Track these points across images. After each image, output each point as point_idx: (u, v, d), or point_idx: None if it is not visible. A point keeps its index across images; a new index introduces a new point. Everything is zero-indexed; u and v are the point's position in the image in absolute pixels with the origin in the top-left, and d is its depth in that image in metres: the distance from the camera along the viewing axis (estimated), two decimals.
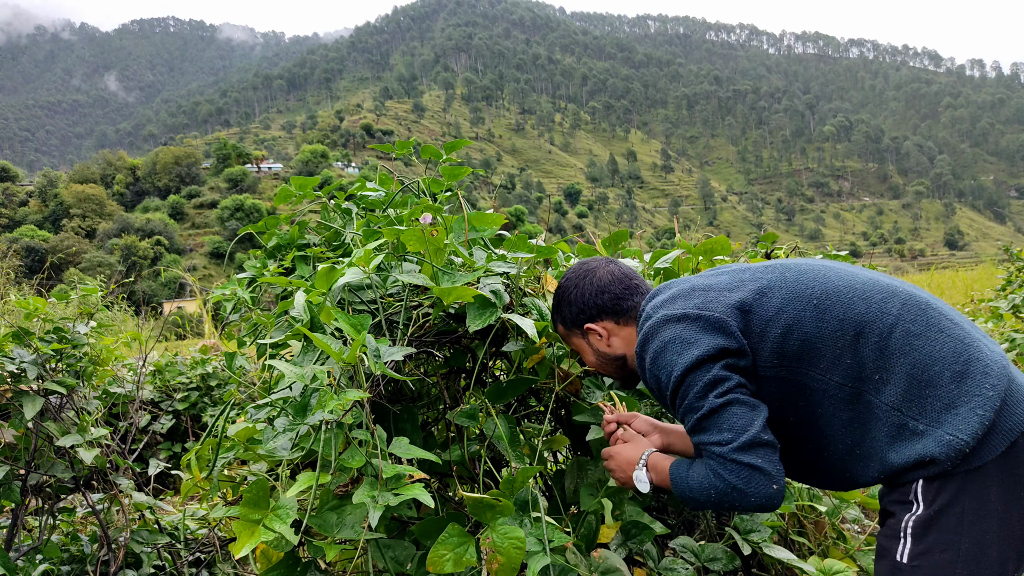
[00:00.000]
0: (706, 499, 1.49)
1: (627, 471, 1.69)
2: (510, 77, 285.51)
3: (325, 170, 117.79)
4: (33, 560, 2.37)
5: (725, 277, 1.62)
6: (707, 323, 1.51)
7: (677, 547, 2.01)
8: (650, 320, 1.58)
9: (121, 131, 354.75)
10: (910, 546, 1.41)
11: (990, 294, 7.75)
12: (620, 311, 1.73)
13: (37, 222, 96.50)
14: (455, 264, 1.88)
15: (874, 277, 1.56)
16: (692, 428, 1.49)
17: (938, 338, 1.45)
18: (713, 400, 1.45)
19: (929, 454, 1.38)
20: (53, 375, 2.36)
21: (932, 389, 1.42)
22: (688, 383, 1.48)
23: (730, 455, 1.42)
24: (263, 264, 2.36)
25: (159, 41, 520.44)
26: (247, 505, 1.43)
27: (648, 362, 1.55)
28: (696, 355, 1.47)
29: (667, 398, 1.54)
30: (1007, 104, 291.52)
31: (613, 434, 1.81)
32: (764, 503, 1.44)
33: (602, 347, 1.76)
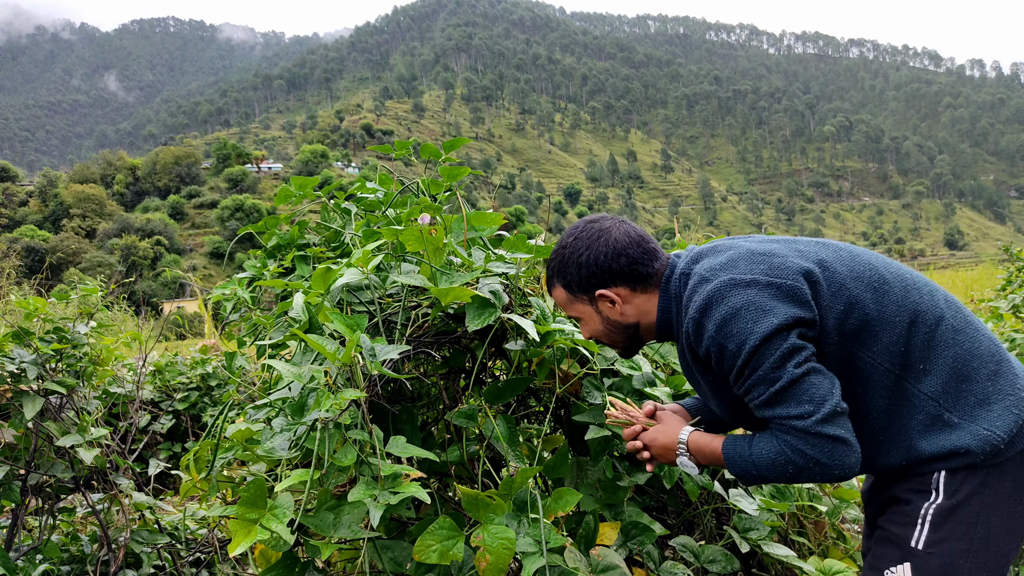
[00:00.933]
0: (779, 475, 1.43)
1: (667, 456, 1.61)
2: (510, 77, 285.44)
3: (325, 170, 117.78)
4: (33, 560, 2.37)
5: (778, 246, 1.53)
6: (781, 290, 1.41)
7: (677, 546, 2.01)
8: (709, 284, 1.45)
9: (121, 131, 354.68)
10: (927, 533, 1.43)
11: (990, 294, 7.75)
12: (638, 277, 1.59)
13: (37, 222, 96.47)
14: (454, 264, 1.88)
15: (913, 272, 1.57)
16: (765, 401, 1.40)
17: (976, 336, 1.50)
18: (792, 371, 1.37)
19: (964, 446, 1.41)
20: (53, 375, 2.36)
21: (968, 384, 1.46)
22: (763, 352, 1.38)
23: (814, 428, 1.36)
24: (263, 264, 2.36)
25: (159, 41, 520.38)
26: (244, 505, 1.42)
27: (712, 329, 1.42)
28: (775, 323, 1.38)
29: (732, 368, 1.42)
30: (1007, 104, 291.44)
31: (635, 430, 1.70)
32: (846, 473, 1.39)
33: (613, 315, 1.62)
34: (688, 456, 1.58)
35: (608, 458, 1.98)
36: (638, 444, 1.66)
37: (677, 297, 1.57)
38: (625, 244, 1.58)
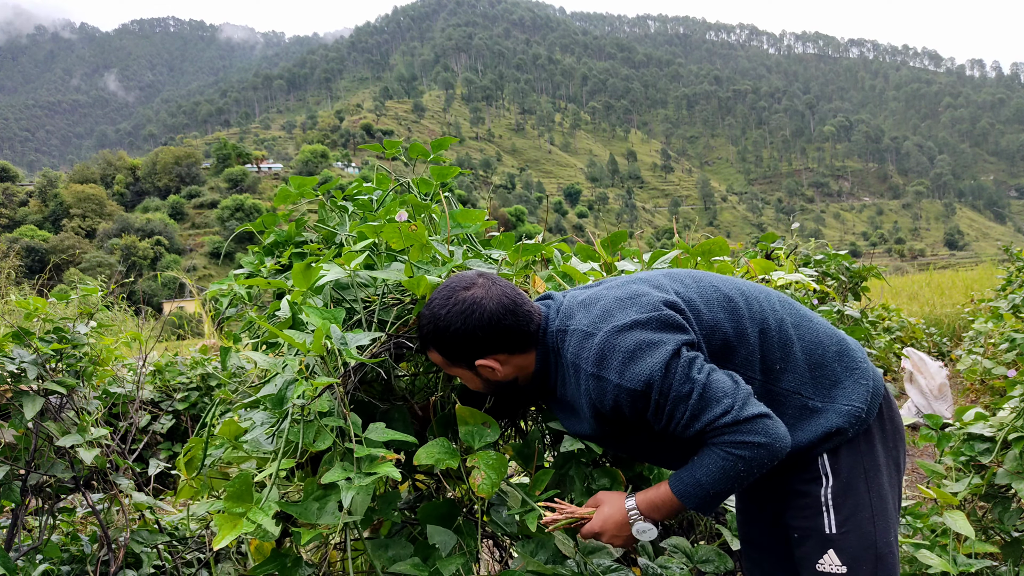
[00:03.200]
0: (732, 481, 1.45)
1: (623, 531, 1.61)
2: (510, 77, 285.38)
3: (325, 170, 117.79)
4: (33, 560, 2.36)
5: (637, 286, 1.59)
6: (660, 322, 1.49)
7: (669, 547, 2.01)
8: (595, 338, 1.50)
9: (121, 131, 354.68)
10: (834, 516, 1.53)
11: (990, 294, 7.76)
12: (515, 343, 1.60)
13: (37, 222, 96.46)
14: (437, 261, 1.89)
15: (746, 282, 1.67)
16: (690, 416, 1.44)
17: (812, 325, 1.63)
18: (697, 376, 1.43)
19: (834, 426, 1.53)
20: (53, 375, 2.36)
21: (821, 369, 1.58)
22: (668, 378, 1.43)
23: (742, 415, 1.41)
24: (260, 260, 2.36)
25: (159, 41, 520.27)
26: (231, 499, 1.44)
27: (615, 378, 1.46)
28: (670, 349, 1.45)
29: (647, 406, 1.47)
30: (1007, 104, 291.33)
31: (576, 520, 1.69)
32: (786, 444, 1.44)
33: (494, 377, 1.64)
34: (643, 519, 1.58)
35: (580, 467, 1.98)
36: (594, 529, 1.63)
37: (555, 351, 1.60)
38: (500, 315, 1.56)
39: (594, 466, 2.00)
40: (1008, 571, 2.36)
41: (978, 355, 5.81)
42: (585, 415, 1.58)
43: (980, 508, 2.52)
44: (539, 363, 1.63)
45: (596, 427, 1.58)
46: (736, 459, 1.43)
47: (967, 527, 2.17)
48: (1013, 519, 2.33)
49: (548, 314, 1.63)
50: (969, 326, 7.63)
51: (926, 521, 2.42)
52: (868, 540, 1.52)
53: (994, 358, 5.39)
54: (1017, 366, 4.78)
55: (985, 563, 2.22)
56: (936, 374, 5.72)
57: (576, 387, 1.56)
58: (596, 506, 1.67)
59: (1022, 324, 5.59)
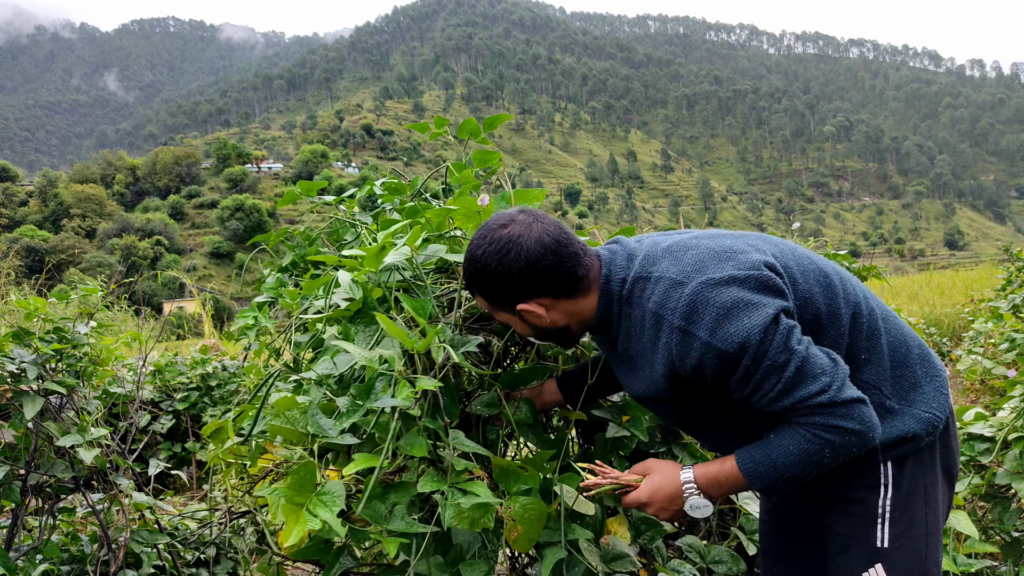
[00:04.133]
0: (814, 466, 1.34)
1: (672, 506, 1.47)
2: (510, 77, 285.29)
3: (325, 170, 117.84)
4: (33, 560, 2.36)
5: (731, 241, 1.44)
6: (760, 283, 1.34)
7: (683, 546, 2.00)
8: (686, 287, 1.34)
9: (121, 131, 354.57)
10: (889, 529, 1.42)
11: (990, 294, 7.75)
12: (560, 286, 1.44)
13: (37, 222, 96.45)
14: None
15: (837, 264, 1.55)
16: (782, 390, 1.30)
17: (898, 323, 1.53)
18: (797, 348, 1.30)
19: (911, 431, 1.42)
20: (53, 375, 2.36)
21: (902, 369, 1.47)
22: (765, 344, 1.29)
23: (839, 397, 1.29)
24: (279, 283, 2.33)
25: (159, 41, 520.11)
26: (292, 487, 1.35)
27: (705, 335, 1.31)
28: (770, 313, 1.30)
29: (735, 370, 1.32)
30: (1007, 104, 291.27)
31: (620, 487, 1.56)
32: (876, 434, 1.34)
33: (541, 323, 1.49)
34: (699, 494, 1.44)
35: (620, 456, 1.96)
36: (641, 499, 1.51)
37: (624, 299, 1.45)
38: (540, 254, 1.40)
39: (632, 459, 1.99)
40: (1008, 571, 2.36)
41: (978, 355, 5.80)
42: (655, 373, 1.43)
43: (980, 508, 2.52)
44: (600, 312, 1.48)
45: (663, 388, 1.43)
46: (823, 443, 1.31)
47: (970, 527, 2.17)
48: (1013, 519, 2.33)
49: (614, 259, 1.48)
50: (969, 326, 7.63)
51: None
52: (919, 558, 1.42)
53: (994, 358, 5.38)
54: (1017, 366, 4.78)
55: (985, 563, 2.22)
56: None
57: (652, 341, 1.40)
58: (644, 473, 1.52)
59: (1022, 324, 5.58)
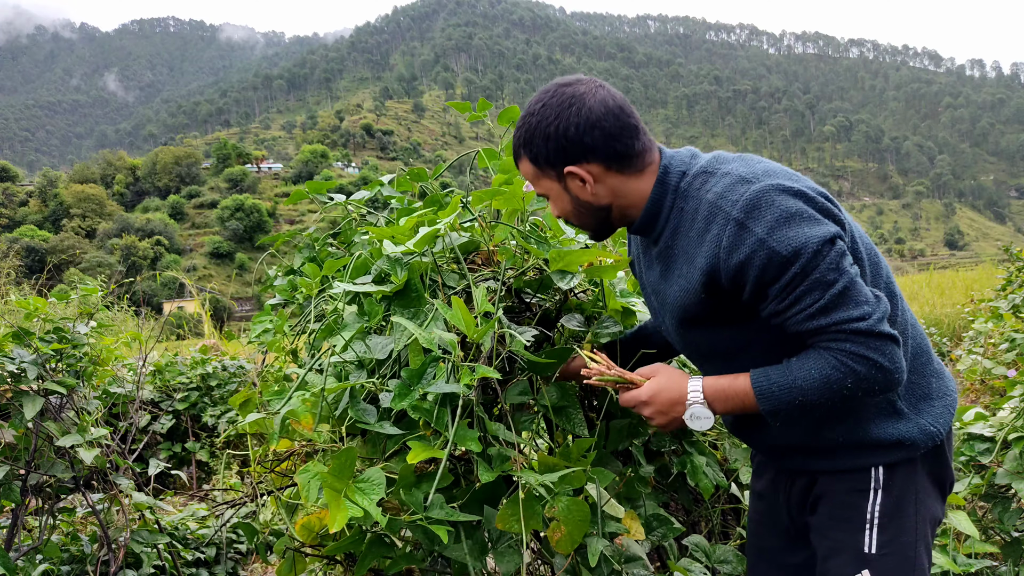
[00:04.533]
0: (831, 395, 1.29)
1: (672, 412, 1.43)
2: (510, 77, 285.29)
3: (325, 170, 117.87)
4: (33, 560, 2.36)
5: (790, 170, 1.40)
6: (823, 209, 1.30)
7: (690, 545, 2.00)
8: (753, 185, 1.30)
9: (121, 131, 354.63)
10: (877, 535, 1.39)
11: (990, 294, 7.75)
12: (614, 154, 1.40)
13: (37, 222, 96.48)
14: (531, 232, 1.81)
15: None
16: (821, 307, 1.26)
17: (923, 332, 1.50)
18: (849, 271, 1.26)
19: (910, 437, 1.40)
20: (53, 375, 2.36)
21: (919, 376, 1.45)
22: (820, 256, 1.24)
23: (876, 327, 1.25)
24: (291, 284, 2.32)
25: (159, 41, 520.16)
26: (334, 472, 1.31)
27: (762, 231, 1.26)
28: (831, 231, 1.26)
29: (779, 276, 1.27)
30: (1007, 104, 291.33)
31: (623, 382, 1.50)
32: (902, 377, 1.29)
33: (583, 195, 1.45)
34: (703, 404, 1.40)
35: (636, 444, 1.94)
36: (641, 398, 1.46)
37: (682, 193, 1.41)
38: (601, 114, 1.37)
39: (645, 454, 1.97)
40: (1008, 571, 2.36)
41: (978, 355, 5.80)
42: (692, 272, 1.38)
43: (980, 508, 2.52)
44: (650, 204, 1.44)
45: (694, 294, 1.39)
46: (848, 373, 1.26)
47: (971, 527, 2.17)
48: (1013, 519, 2.33)
49: (677, 154, 1.45)
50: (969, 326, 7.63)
51: None
52: (907, 566, 1.38)
53: (994, 358, 5.38)
54: (1017, 366, 4.78)
55: (985, 563, 2.22)
56: None
57: (700, 234, 1.35)
58: (650, 376, 1.48)
59: (1022, 324, 5.58)
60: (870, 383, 1.27)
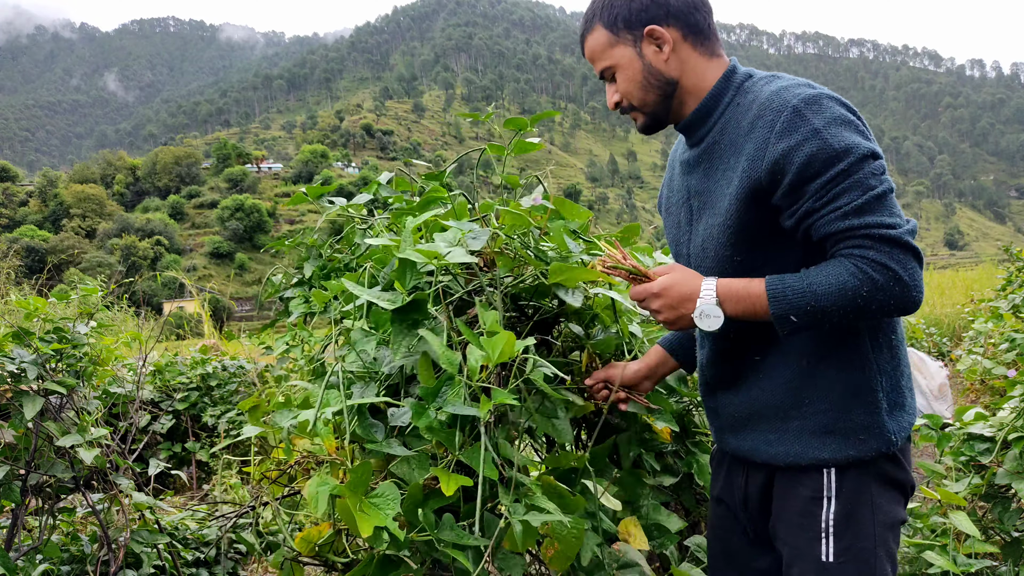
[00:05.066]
0: (844, 303, 1.26)
1: (681, 307, 1.40)
2: (510, 77, 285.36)
3: (325, 170, 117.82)
4: (33, 560, 2.36)
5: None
6: (870, 137, 1.32)
7: (692, 547, 2.00)
8: (814, 89, 1.31)
9: (121, 131, 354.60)
10: (833, 544, 1.38)
11: (990, 294, 7.75)
12: (694, 25, 1.43)
13: (37, 222, 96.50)
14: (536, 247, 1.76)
15: None
16: (856, 207, 1.24)
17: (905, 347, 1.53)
18: (889, 181, 1.27)
19: (875, 435, 1.38)
20: (53, 375, 2.36)
21: (900, 386, 1.45)
22: (866, 162, 1.25)
23: (903, 238, 1.23)
24: (303, 295, 2.31)
25: (159, 41, 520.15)
26: (350, 487, 1.30)
27: (819, 123, 1.26)
28: (877, 147, 1.28)
29: (824, 172, 1.26)
30: (1007, 104, 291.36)
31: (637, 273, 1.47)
32: (918, 299, 1.26)
33: (656, 61, 1.44)
34: (715, 303, 1.36)
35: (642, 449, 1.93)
36: (652, 289, 1.43)
37: (743, 89, 1.42)
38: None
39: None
40: (1008, 571, 2.36)
41: (978, 355, 5.81)
42: (737, 167, 1.37)
43: (980, 508, 2.52)
44: (709, 96, 1.44)
45: (734, 193, 1.37)
46: (866, 280, 1.24)
47: (971, 527, 2.17)
48: (1013, 519, 2.33)
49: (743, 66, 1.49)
50: (969, 326, 7.63)
51: (926, 521, 2.42)
52: (867, 572, 1.37)
53: (994, 358, 5.38)
54: (1017, 366, 4.78)
55: (985, 563, 2.22)
56: (936, 374, 5.72)
57: (751, 123, 1.35)
58: (667, 269, 1.47)
59: (1022, 324, 5.59)
60: (886, 296, 1.24)
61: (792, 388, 1.41)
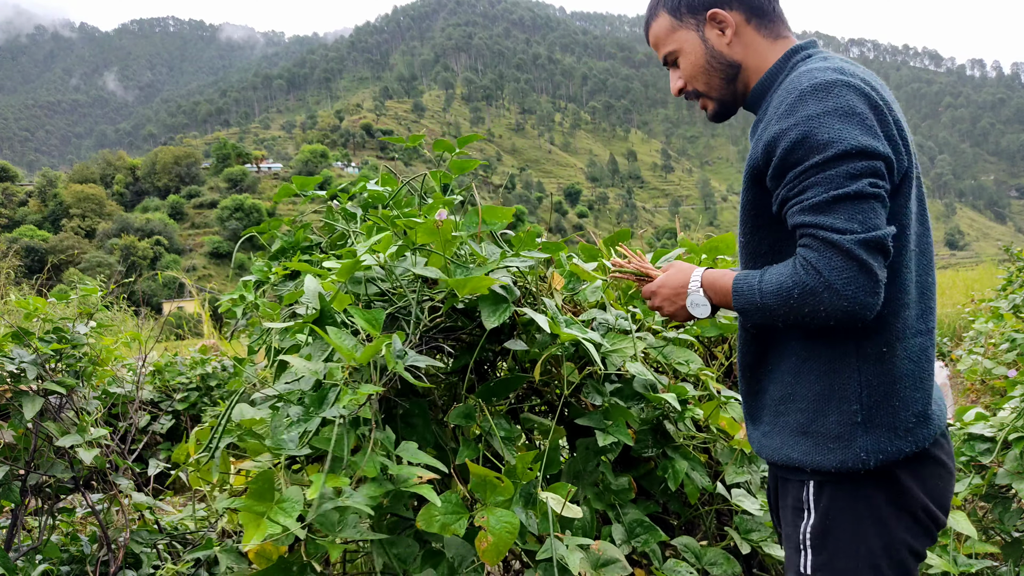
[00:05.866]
0: (782, 303, 1.25)
1: (677, 300, 1.47)
2: (510, 77, 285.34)
3: (325, 170, 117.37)
4: (33, 560, 2.36)
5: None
6: (889, 133, 1.26)
7: (680, 547, 2.01)
8: (833, 74, 1.26)
9: (121, 131, 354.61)
10: (811, 557, 1.35)
11: (990, 294, 7.75)
12: (756, 7, 1.44)
13: (37, 222, 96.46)
14: (462, 258, 1.84)
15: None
16: (815, 204, 1.21)
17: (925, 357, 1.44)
18: (866, 187, 1.20)
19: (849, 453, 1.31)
20: (53, 375, 2.36)
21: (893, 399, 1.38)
22: (847, 159, 1.20)
23: (846, 245, 1.18)
24: (268, 267, 2.34)
25: (159, 41, 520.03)
26: (252, 497, 1.39)
27: (813, 109, 1.23)
28: (877, 148, 1.21)
29: (801, 161, 1.23)
30: (1007, 104, 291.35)
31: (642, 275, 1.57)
32: (855, 310, 1.20)
33: (720, 45, 1.45)
34: (701, 292, 1.43)
35: (605, 460, 1.97)
36: (652, 287, 1.53)
37: (793, 70, 1.40)
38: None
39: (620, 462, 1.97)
40: (1008, 571, 2.36)
41: (978, 355, 5.80)
42: (756, 148, 1.37)
43: (980, 508, 2.52)
44: (768, 74, 1.44)
45: (749, 173, 1.39)
46: (798, 282, 1.22)
47: (970, 527, 2.17)
48: (1013, 519, 2.33)
49: (811, 44, 1.46)
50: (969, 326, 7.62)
51: None
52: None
53: (994, 358, 5.38)
54: (1017, 366, 4.78)
55: (985, 563, 2.22)
56: (936, 374, 5.71)
57: (774, 105, 1.34)
58: (668, 268, 1.55)
59: (1022, 324, 5.59)
60: (816, 301, 1.21)
61: (786, 382, 1.39)
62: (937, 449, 1.38)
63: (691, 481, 2.03)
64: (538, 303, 1.94)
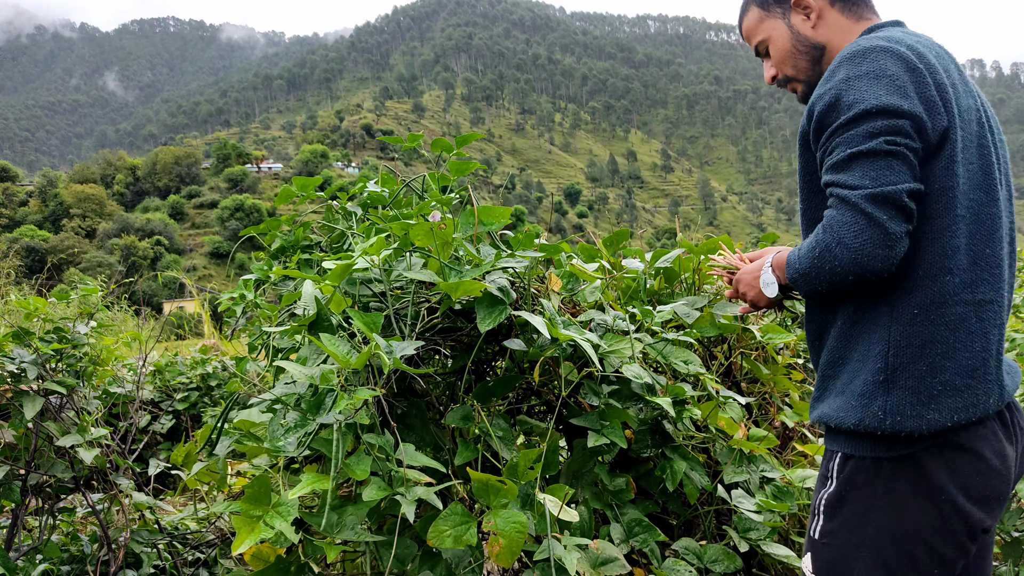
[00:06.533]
0: (812, 266, 1.28)
1: (755, 284, 1.52)
2: (510, 77, 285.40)
3: (325, 170, 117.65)
4: (33, 560, 2.36)
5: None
6: (927, 95, 1.28)
7: (680, 549, 2.01)
8: (880, 43, 1.31)
9: (121, 131, 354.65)
10: (823, 523, 1.39)
11: None
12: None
13: (37, 222, 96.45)
14: (460, 260, 1.84)
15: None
16: (837, 162, 1.26)
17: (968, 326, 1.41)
18: (882, 145, 1.22)
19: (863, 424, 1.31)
20: (53, 375, 2.36)
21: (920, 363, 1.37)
22: (868, 118, 1.24)
23: (854, 199, 1.21)
24: (268, 265, 2.34)
25: (159, 41, 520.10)
26: (248, 501, 1.40)
27: (846, 74, 1.29)
28: (905, 107, 1.24)
29: (832, 123, 1.28)
30: (1007, 104, 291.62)
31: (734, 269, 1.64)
32: (870, 265, 1.21)
33: (805, 30, 1.52)
34: (771, 271, 1.46)
35: (600, 461, 1.97)
36: (736, 277, 1.61)
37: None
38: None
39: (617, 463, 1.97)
40: (1008, 571, 2.36)
41: None
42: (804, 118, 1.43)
43: None
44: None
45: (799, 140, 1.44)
46: (818, 242, 1.27)
47: None
48: (1013, 519, 2.33)
49: (891, 23, 1.51)
50: None
51: None
52: (841, 566, 1.34)
53: None
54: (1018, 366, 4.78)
55: None
56: None
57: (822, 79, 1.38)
58: (752, 258, 1.64)
59: (1022, 324, 5.58)
60: (833, 258, 1.24)
61: (835, 347, 1.40)
62: (978, 440, 1.30)
63: (690, 481, 2.03)
64: (536, 304, 1.94)
